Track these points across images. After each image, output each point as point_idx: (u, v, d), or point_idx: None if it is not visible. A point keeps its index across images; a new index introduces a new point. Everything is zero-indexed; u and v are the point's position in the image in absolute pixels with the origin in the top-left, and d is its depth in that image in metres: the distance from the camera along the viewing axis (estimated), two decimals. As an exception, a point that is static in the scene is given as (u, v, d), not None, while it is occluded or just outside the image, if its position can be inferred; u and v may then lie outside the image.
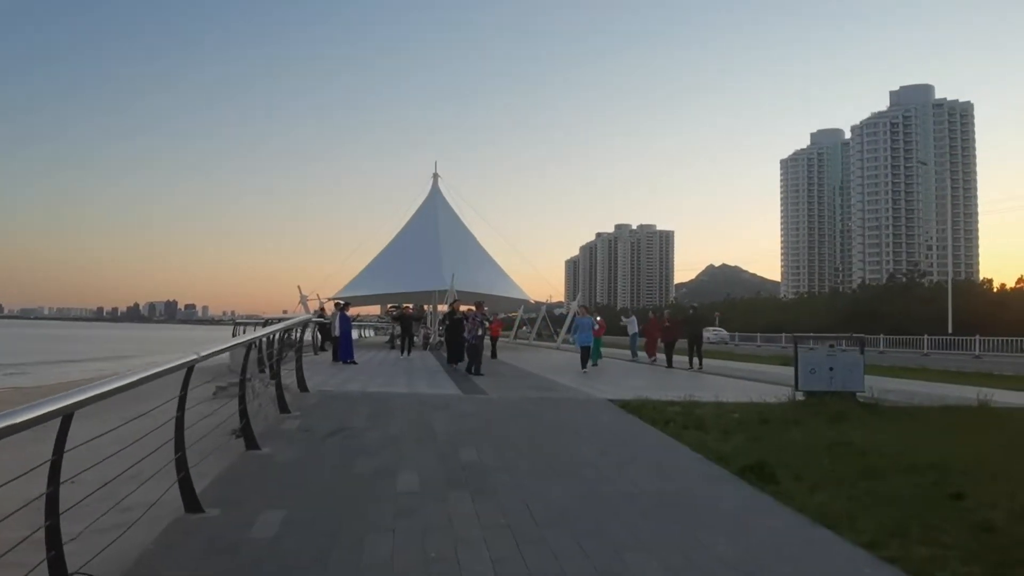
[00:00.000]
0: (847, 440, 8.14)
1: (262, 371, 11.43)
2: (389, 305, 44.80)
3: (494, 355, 23.12)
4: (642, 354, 24.61)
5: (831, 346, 11.30)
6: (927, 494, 5.94)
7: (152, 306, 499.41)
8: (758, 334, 57.22)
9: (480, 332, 16.17)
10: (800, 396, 11.01)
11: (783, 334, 54.17)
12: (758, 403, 10.61)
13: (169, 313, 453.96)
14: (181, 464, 5.41)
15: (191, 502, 5.37)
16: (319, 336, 28.65)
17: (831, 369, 11.06)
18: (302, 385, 11.59)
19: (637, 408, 9.82)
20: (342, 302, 20.63)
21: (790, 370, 19.46)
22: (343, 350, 19.33)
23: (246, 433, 7.40)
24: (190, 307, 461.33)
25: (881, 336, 44.83)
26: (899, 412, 10.29)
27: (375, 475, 6.32)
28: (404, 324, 25.37)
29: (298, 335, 12.03)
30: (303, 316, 12.21)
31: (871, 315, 60.55)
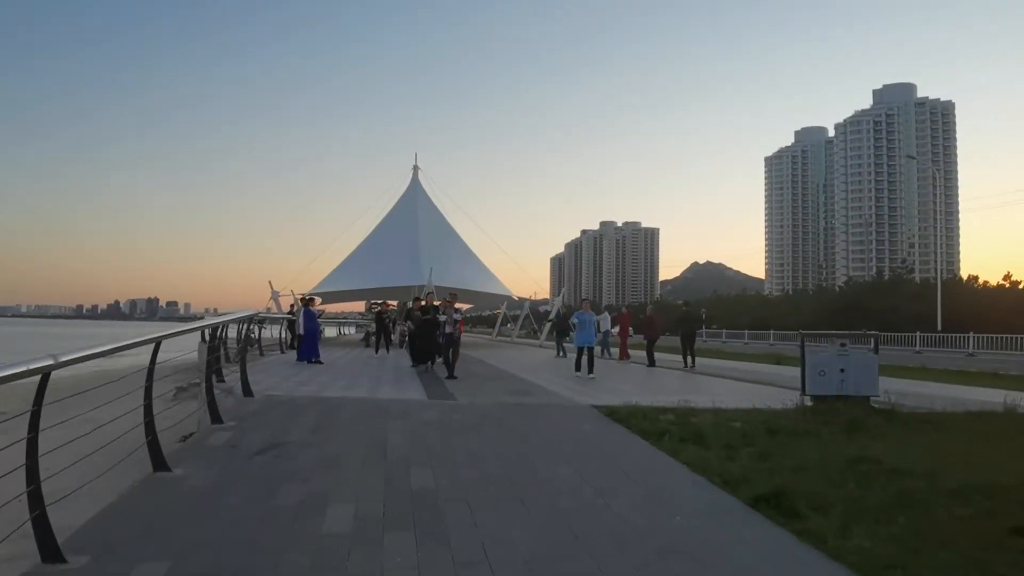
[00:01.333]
0: (871, 456, 6.94)
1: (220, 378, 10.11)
2: (371, 301, 43.52)
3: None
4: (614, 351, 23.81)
5: (842, 345, 10.07)
6: (983, 530, 4.77)
7: (133, 303, 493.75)
8: (745, 331, 56.31)
9: (448, 330, 14.53)
10: (807, 401, 9.81)
11: (771, 331, 53.37)
12: (762, 410, 9.39)
13: (150, 310, 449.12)
14: (36, 500, 4.13)
15: (49, 549, 4.09)
16: (289, 334, 27.27)
17: (842, 371, 9.85)
18: (246, 389, 10.24)
19: (626, 417, 8.55)
20: (307, 296, 19.17)
21: (786, 370, 18.66)
22: (307, 348, 17.98)
23: (152, 451, 6.09)
24: (172, 304, 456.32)
25: (873, 333, 43.99)
26: (919, 420, 9.09)
27: (300, 509, 5.03)
28: (379, 321, 24.15)
29: (242, 333, 10.65)
30: (242, 313, 10.78)
31: (858, 312, 59.88)
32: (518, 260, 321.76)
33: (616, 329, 24.57)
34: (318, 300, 46.67)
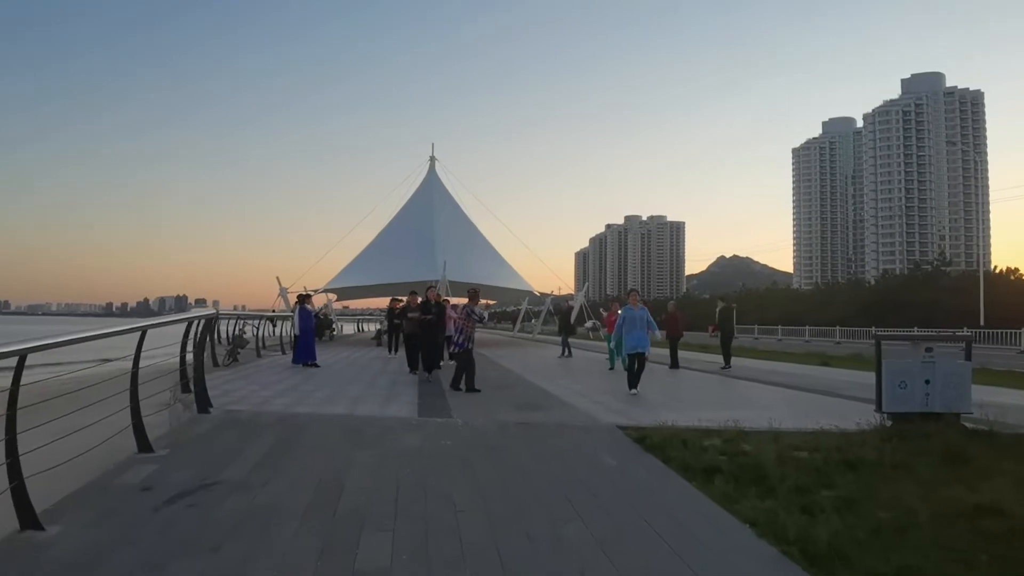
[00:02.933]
0: (995, 506, 5.10)
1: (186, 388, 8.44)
2: (394, 298, 41.76)
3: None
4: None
5: (928, 350, 8.12)
6: None
7: (162, 301, 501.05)
8: (779, 327, 53.79)
9: (463, 339, 11.58)
10: (885, 420, 7.90)
11: (806, 327, 50.90)
12: (831, 432, 7.49)
13: (179, 307, 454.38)
14: None
15: None
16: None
17: (927, 382, 7.93)
18: (202, 403, 8.58)
19: (661, 444, 6.69)
20: (303, 293, 17.52)
21: (837, 373, 16.71)
22: (302, 350, 16.35)
23: (19, 502, 4.43)
24: (200, 301, 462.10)
25: (915, 330, 41.43)
26: (1032, 446, 7.16)
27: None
28: (390, 319, 22.43)
29: (196, 333, 8.98)
30: (193, 313, 9.04)
31: (895, 306, 57.17)
32: (540, 255, 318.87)
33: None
34: (333, 296, 45.66)
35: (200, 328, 9.28)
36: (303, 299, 16.81)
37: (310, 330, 16.62)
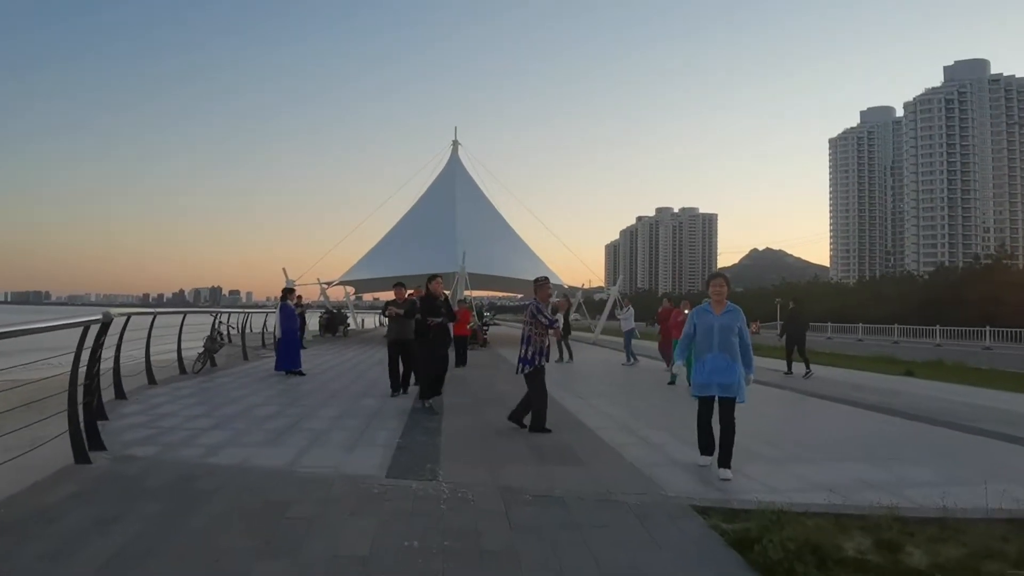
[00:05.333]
0: None
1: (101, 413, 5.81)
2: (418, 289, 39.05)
3: (462, 363, 16.19)
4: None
5: None
6: None
7: (197, 292, 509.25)
8: (828, 324, 50.01)
9: (533, 354, 7.93)
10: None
11: (859, 324, 47.10)
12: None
13: (214, 299, 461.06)
14: None
15: None
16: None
17: None
18: (79, 449, 5.89)
19: (776, 552, 3.81)
20: (287, 287, 14.69)
21: (944, 389, 13.33)
22: (284, 356, 13.70)
23: None
24: (234, 293, 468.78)
25: (987, 328, 37.73)
26: None
27: None
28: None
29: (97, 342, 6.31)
30: (89, 317, 6.25)
31: (952, 302, 52.99)
32: (570, 246, 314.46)
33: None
34: (351, 289, 42.96)
35: (96, 337, 6.59)
36: (286, 294, 14.11)
37: (294, 332, 13.92)
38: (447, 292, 12.72)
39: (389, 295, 13.69)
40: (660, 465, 6.32)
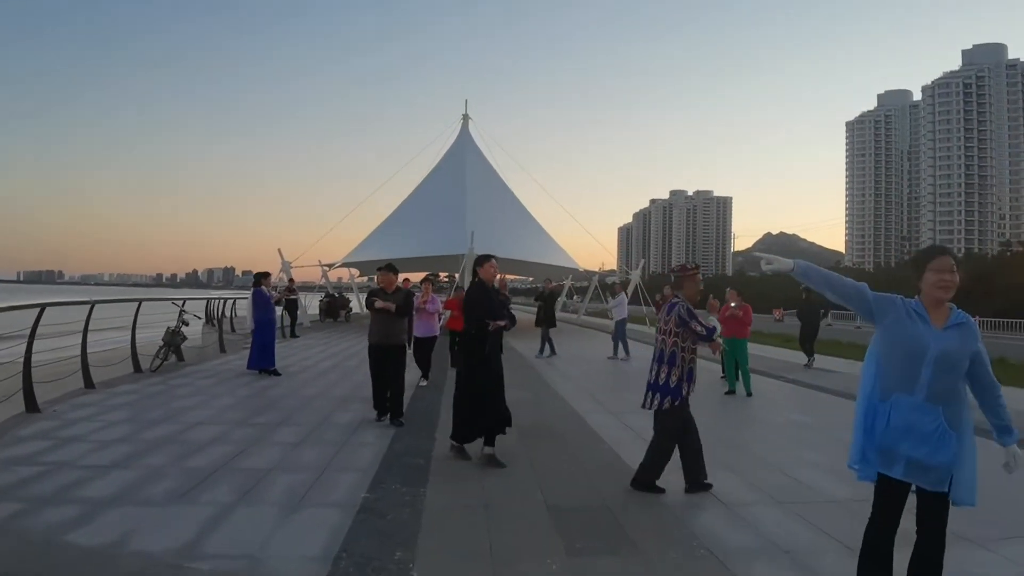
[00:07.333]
0: None
1: None
2: (429, 274, 37.07)
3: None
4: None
5: None
6: None
7: (211, 272, 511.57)
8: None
9: (675, 379, 5.29)
10: None
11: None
12: None
13: (227, 279, 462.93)
14: None
15: None
16: (288, 317, 21.16)
17: None
18: None
19: None
20: (260, 271, 12.39)
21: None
22: (257, 352, 11.55)
23: None
24: (247, 273, 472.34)
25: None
26: None
27: None
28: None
29: None
30: None
31: (982, 290, 50.29)
32: (587, 229, 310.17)
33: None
34: (356, 271, 40.63)
35: None
36: (260, 279, 11.94)
37: (269, 323, 11.73)
38: (501, 277, 10.16)
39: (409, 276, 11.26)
40: (771, 568, 4.06)
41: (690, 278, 5.55)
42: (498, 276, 6.82)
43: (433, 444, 6.72)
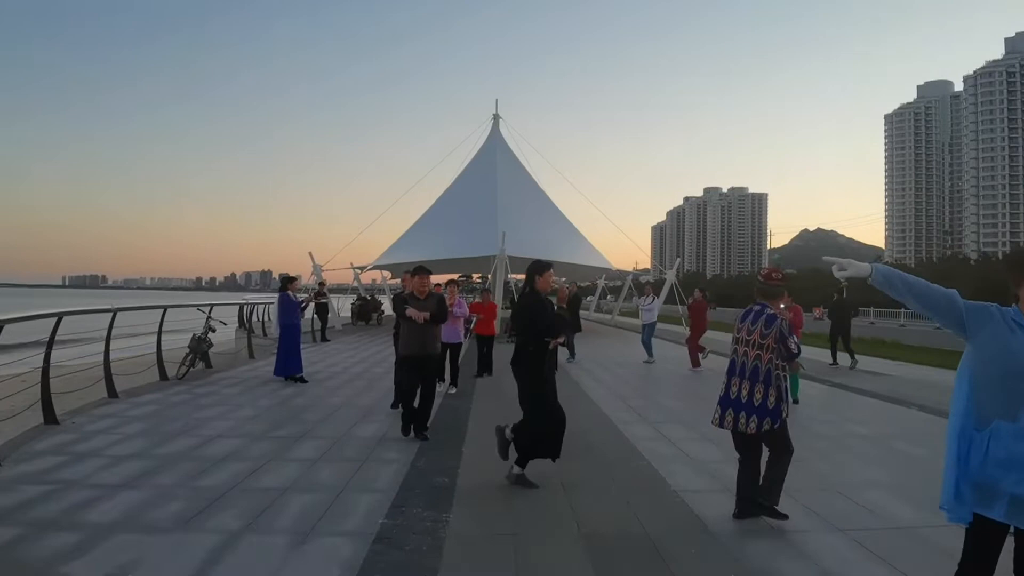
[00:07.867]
0: None
1: None
2: (460, 276, 36.82)
3: (486, 371, 12.40)
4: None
5: None
6: None
7: (248, 275, 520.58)
8: (900, 311, 45.86)
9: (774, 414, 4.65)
10: None
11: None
12: None
13: (264, 282, 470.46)
14: None
15: None
16: (319, 321, 21.04)
17: None
18: None
19: None
20: (287, 275, 12.13)
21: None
22: (284, 358, 11.31)
23: None
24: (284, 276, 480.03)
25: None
26: None
27: None
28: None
29: None
30: None
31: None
32: (622, 228, 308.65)
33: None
34: (388, 274, 40.51)
35: None
36: (285, 283, 11.70)
37: (295, 328, 11.50)
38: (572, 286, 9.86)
39: (438, 279, 10.77)
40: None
41: (775, 286, 4.95)
42: (556, 285, 6.43)
43: (460, 460, 6.33)
